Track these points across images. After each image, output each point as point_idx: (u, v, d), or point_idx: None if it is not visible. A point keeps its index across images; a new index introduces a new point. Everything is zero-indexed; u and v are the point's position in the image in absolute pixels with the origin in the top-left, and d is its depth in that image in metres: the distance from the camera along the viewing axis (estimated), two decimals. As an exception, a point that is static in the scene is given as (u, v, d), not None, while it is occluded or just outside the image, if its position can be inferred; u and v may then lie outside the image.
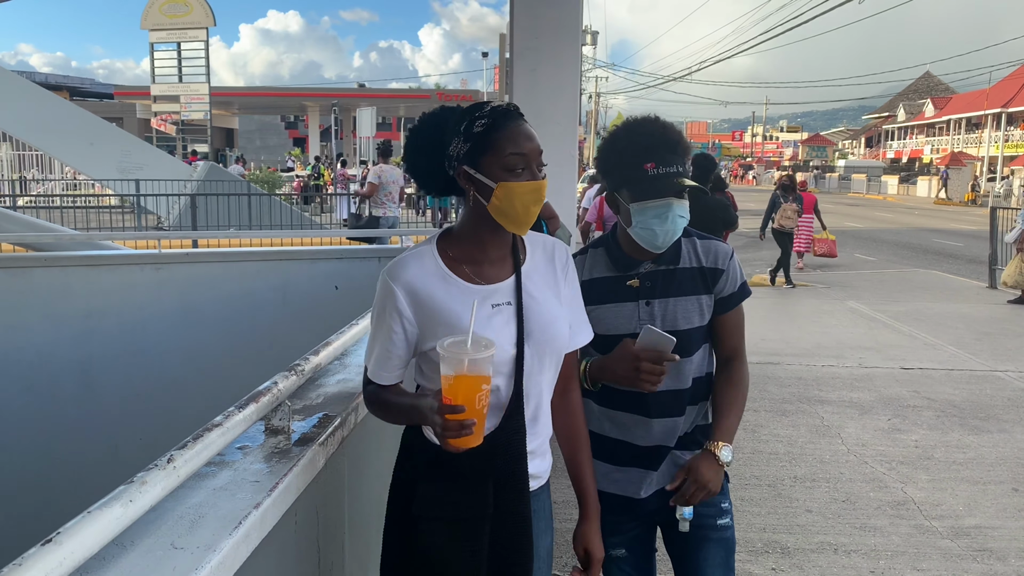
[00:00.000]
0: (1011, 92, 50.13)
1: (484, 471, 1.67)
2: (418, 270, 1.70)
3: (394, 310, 1.68)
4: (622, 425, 2.11)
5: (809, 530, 4.11)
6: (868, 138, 78.04)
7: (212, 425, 1.58)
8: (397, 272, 1.70)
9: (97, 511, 1.16)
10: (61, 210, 19.52)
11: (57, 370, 5.22)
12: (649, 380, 1.91)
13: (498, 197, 1.66)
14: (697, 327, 2.07)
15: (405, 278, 1.69)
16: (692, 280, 2.06)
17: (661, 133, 2.04)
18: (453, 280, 1.70)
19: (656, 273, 2.06)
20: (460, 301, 1.67)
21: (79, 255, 5.68)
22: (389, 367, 1.73)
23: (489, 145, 1.66)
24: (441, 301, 1.67)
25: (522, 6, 6.93)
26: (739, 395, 2.12)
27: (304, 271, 5.68)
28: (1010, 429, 5.70)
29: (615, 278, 2.08)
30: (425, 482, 1.70)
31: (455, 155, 1.70)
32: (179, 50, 28.98)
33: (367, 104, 30.28)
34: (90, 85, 52.34)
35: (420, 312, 1.68)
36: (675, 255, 2.06)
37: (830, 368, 7.33)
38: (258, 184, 22.22)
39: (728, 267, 2.09)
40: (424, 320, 1.68)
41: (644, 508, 2.15)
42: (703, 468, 2.01)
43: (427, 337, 1.69)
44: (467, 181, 1.69)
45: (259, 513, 1.49)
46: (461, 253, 1.74)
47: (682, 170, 2.00)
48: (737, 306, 2.12)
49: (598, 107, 55.60)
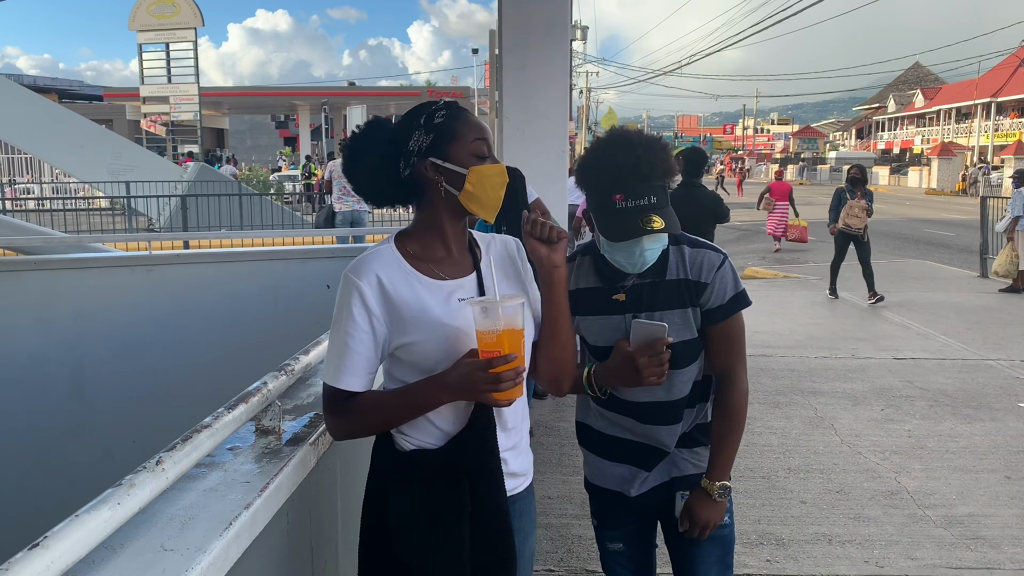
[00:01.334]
0: (1000, 81, 50.35)
1: (457, 468, 1.65)
2: (382, 266, 1.68)
3: (362, 307, 1.65)
4: (616, 423, 2.11)
5: (803, 521, 4.12)
6: (859, 129, 78.27)
7: (201, 426, 1.57)
8: (362, 269, 1.67)
9: (85, 514, 1.16)
10: (51, 213, 19.45)
11: (48, 373, 5.20)
12: (652, 374, 1.90)
13: (471, 182, 1.67)
14: (687, 340, 2.01)
15: (371, 274, 1.67)
16: (678, 293, 2.00)
17: (634, 160, 1.88)
18: (417, 276, 1.69)
19: (642, 287, 2.01)
20: (427, 296, 1.67)
21: (69, 258, 5.66)
22: (359, 371, 1.67)
23: (453, 133, 1.68)
24: (408, 297, 1.66)
25: (510, 2, 6.92)
26: (734, 427, 2.05)
27: (295, 271, 5.67)
28: (1002, 417, 5.73)
29: (601, 290, 2.05)
30: (397, 488, 1.68)
31: (416, 149, 1.69)
32: (168, 51, 28.81)
33: (357, 102, 30.25)
34: (79, 87, 52.15)
35: (388, 308, 1.66)
36: (661, 268, 2.00)
37: (823, 359, 7.35)
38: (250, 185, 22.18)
39: (713, 279, 1.99)
40: (393, 316, 1.66)
41: (640, 504, 2.15)
42: (700, 511, 2.05)
43: (396, 334, 1.67)
44: (435, 172, 1.69)
45: (250, 514, 1.48)
46: (422, 250, 1.73)
47: (655, 201, 1.86)
48: (727, 319, 2.01)
49: (589, 102, 55.59)
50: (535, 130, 6.92)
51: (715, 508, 2.05)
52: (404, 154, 1.71)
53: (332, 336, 1.69)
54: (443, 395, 1.63)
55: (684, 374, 2.03)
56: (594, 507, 2.27)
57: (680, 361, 2.00)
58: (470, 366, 1.56)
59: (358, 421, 1.70)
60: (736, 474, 4.55)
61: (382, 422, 1.71)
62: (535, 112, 6.94)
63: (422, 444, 1.70)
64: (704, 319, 2.02)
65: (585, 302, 2.05)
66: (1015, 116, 50.02)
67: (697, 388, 2.09)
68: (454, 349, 1.65)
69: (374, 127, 1.76)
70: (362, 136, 1.76)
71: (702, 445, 2.12)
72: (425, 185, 1.71)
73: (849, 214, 10.14)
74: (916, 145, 60.28)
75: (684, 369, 2.03)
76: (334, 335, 1.68)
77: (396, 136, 1.73)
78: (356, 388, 1.67)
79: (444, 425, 1.69)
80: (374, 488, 1.74)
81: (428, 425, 1.69)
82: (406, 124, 1.73)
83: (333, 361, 1.67)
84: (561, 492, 4.29)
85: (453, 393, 1.61)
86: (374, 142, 1.74)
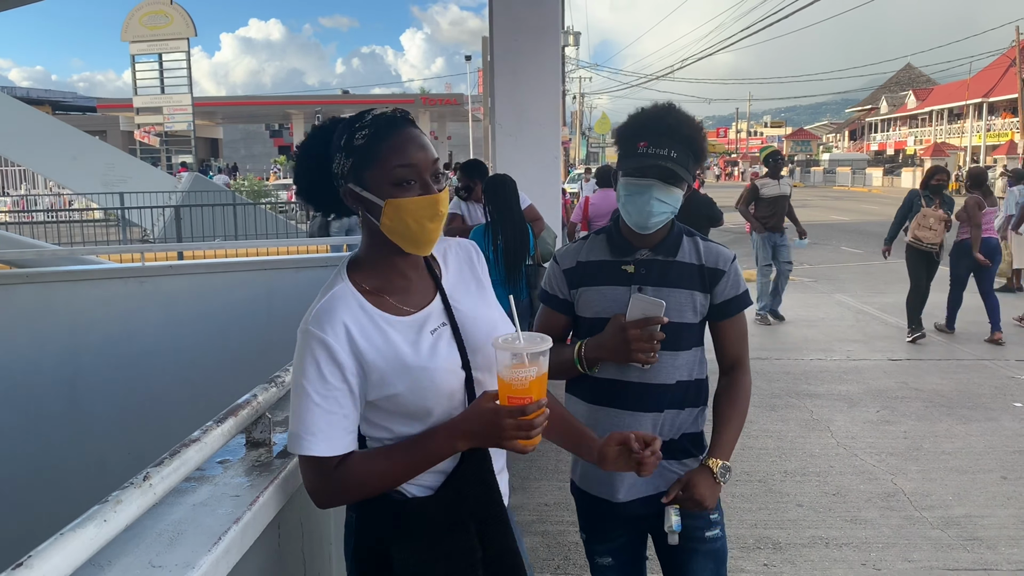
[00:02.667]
0: (991, 81, 50.53)
1: (461, 513, 1.53)
2: (347, 313, 1.48)
3: (332, 364, 1.45)
4: (600, 423, 2.07)
5: (800, 524, 4.11)
6: (852, 131, 78.50)
7: (189, 440, 1.56)
8: (325, 322, 1.47)
9: (70, 532, 1.15)
10: (45, 225, 19.41)
11: (42, 386, 5.18)
12: (641, 349, 1.91)
13: (388, 216, 1.47)
14: (688, 323, 2.03)
15: (337, 325, 1.47)
16: (689, 275, 2.04)
17: (665, 117, 2.00)
18: (383, 317, 1.51)
19: (652, 262, 2.04)
20: (399, 340, 1.50)
21: (62, 270, 5.64)
22: (339, 432, 1.47)
23: (372, 158, 1.48)
24: (381, 345, 1.49)
25: (501, 8, 6.94)
26: (739, 409, 2.09)
27: (289, 280, 5.66)
28: (997, 417, 5.73)
29: (611, 262, 2.07)
30: (399, 545, 1.51)
31: (339, 172, 1.52)
32: (160, 61, 28.86)
33: (351, 110, 30.21)
34: (72, 99, 52.10)
35: (360, 361, 1.47)
36: (673, 247, 2.04)
37: (818, 361, 7.35)
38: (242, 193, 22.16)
39: (730, 269, 2.06)
40: (367, 369, 1.48)
41: (626, 512, 2.11)
42: (700, 484, 2.00)
43: (373, 388, 1.49)
44: (354, 200, 1.52)
45: (239, 528, 1.47)
46: (378, 283, 1.55)
47: (674, 155, 1.94)
48: (739, 313, 2.09)
49: (582, 107, 55.67)
50: (528, 136, 6.93)
51: (713, 488, 2.01)
52: (332, 175, 1.55)
53: (294, 399, 1.47)
54: (460, 443, 1.47)
55: (676, 358, 2.03)
56: (582, 520, 2.24)
57: (674, 343, 2.00)
58: (498, 414, 1.42)
59: (353, 487, 1.49)
60: (732, 477, 4.55)
61: (385, 483, 1.51)
62: (528, 118, 6.96)
63: (414, 492, 1.55)
64: (717, 312, 2.07)
65: (592, 272, 2.08)
66: (1007, 116, 50.20)
67: (690, 389, 2.07)
68: (440, 391, 1.51)
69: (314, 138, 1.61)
70: (306, 144, 1.62)
71: (691, 456, 2.09)
72: (357, 210, 1.55)
73: (922, 225, 8.03)
74: (909, 146, 60.45)
75: (676, 352, 2.02)
76: (301, 401, 1.46)
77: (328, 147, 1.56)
78: (341, 451, 1.47)
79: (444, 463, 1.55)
80: (367, 544, 1.56)
81: None
82: (335, 138, 1.54)
83: (305, 429, 1.45)
84: (557, 499, 4.28)
85: (473, 441, 1.46)
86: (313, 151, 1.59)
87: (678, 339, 2.02)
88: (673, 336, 1.99)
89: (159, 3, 27.71)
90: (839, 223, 23.18)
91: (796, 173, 58.45)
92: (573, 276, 2.11)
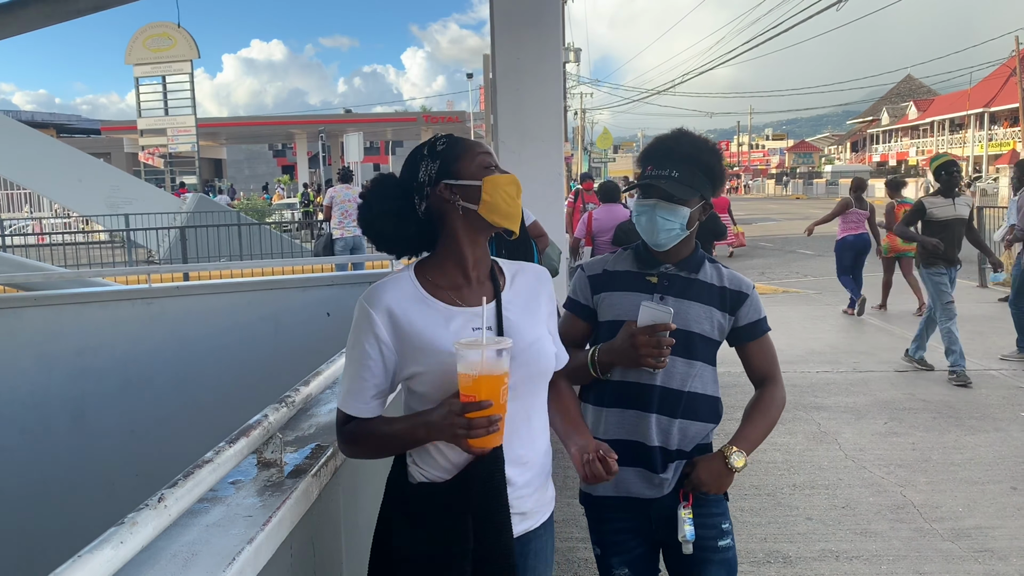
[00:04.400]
0: (992, 91, 50.62)
1: (463, 504, 1.64)
2: (396, 294, 1.69)
3: (371, 335, 1.66)
4: (606, 422, 2.13)
5: (810, 538, 4.10)
6: (853, 143, 78.61)
7: (203, 461, 1.57)
8: (375, 297, 1.69)
9: (87, 555, 1.16)
10: (51, 247, 19.48)
11: (50, 409, 5.20)
12: (649, 354, 1.97)
13: (487, 192, 1.69)
14: (704, 335, 2.11)
15: (384, 302, 1.67)
16: (710, 293, 2.13)
17: (666, 140, 2.15)
18: (432, 303, 1.69)
19: (676, 277, 2.14)
20: (439, 324, 1.67)
21: (69, 293, 5.68)
22: (365, 397, 1.69)
23: (459, 153, 1.72)
24: (420, 324, 1.66)
25: (503, 27, 6.99)
26: (769, 412, 2.17)
27: (296, 300, 5.68)
28: (1006, 428, 5.72)
29: (636, 273, 2.17)
30: (401, 521, 1.70)
31: (427, 178, 1.72)
32: (164, 83, 29.04)
33: (354, 129, 30.37)
34: (76, 122, 52.39)
35: (398, 336, 1.67)
36: (696, 266, 2.15)
37: (825, 374, 7.34)
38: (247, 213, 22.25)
39: (752, 295, 2.17)
40: (403, 345, 1.67)
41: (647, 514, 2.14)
42: (703, 471, 2.06)
43: (406, 363, 1.67)
44: (450, 193, 1.71)
45: (253, 548, 1.48)
46: (440, 277, 1.74)
47: (676, 175, 2.06)
48: (765, 335, 2.19)
49: (584, 123, 55.84)
50: (531, 153, 6.96)
51: (722, 474, 2.05)
52: (416, 190, 1.74)
53: (346, 362, 1.73)
54: (421, 432, 1.62)
55: (690, 366, 2.09)
56: (595, 535, 2.26)
57: (687, 351, 2.08)
58: (448, 406, 1.55)
59: (357, 445, 1.74)
60: (741, 492, 4.56)
61: (376, 449, 1.75)
62: (530, 135, 6.99)
63: (431, 477, 1.69)
64: (745, 334, 2.17)
65: (617, 280, 2.18)
66: (1008, 125, 50.25)
67: (703, 403, 2.12)
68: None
69: (380, 181, 1.80)
70: (371, 191, 1.79)
71: None
72: (443, 212, 1.72)
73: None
74: (911, 157, 60.52)
75: (690, 361, 2.09)
76: (347, 360, 1.72)
77: (403, 181, 1.77)
78: (357, 414, 1.70)
79: (453, 456, 1.67)
80: (383, 518, 1.76)
81: (437, 456, 1.69)
82: (411, 164, 1.77)
83: (344, 385, 1.72)
84: (567, 515, 4.27)
85: (433, 432, 1.60)
86: (385, 190, 1.78)
87: (692, 347, 2.09)
88: (686, 343, 2.07)
89: (162, 26, 27.92)
90: (843, 235, 23.17)
91: (799, 185, 58.49)
92: (597, 282, 2.21)
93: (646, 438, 2.09)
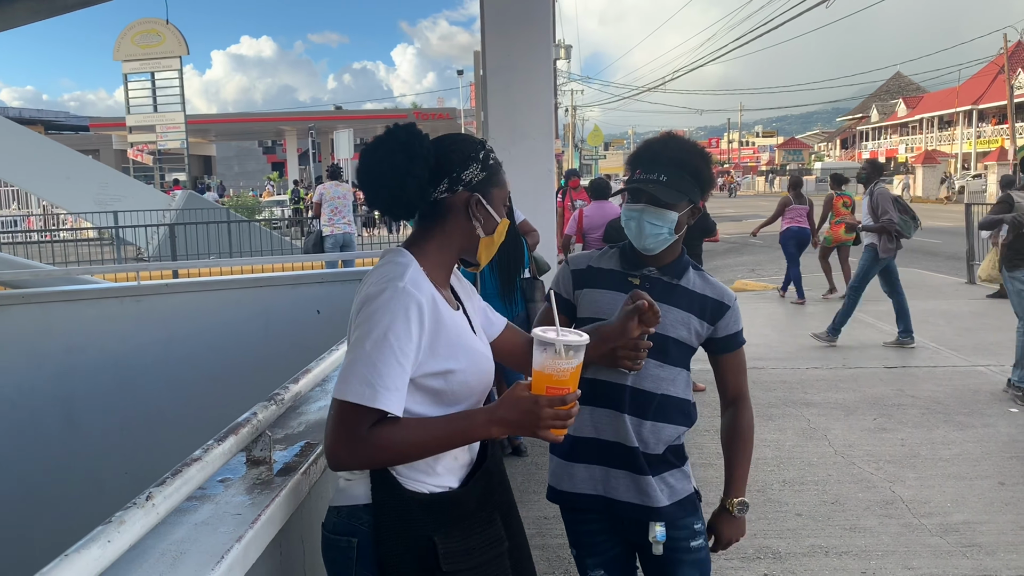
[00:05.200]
0: (981, 89, 50.88)
1: (490, 504, 1.65)
2: (428, 285, 1.60)
3: (416, 321, 1.52)
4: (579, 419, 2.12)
5: (799, 534, 4.12)
6: (843, 140, 78.88)
7: (191, 460, 1.57)
8: (418, 283, 1.56)
9: (75, 554, 1.15)
10: (39, 244, 19.37)
11: (39, 408, 5.17)
12: (627, 356, 1.95)
13: (499, 232, 1.70)
14: (680, 340, 2.10)
15: (427, 290, 1.58)
16: (690, 300, 2.12)
17: (653, 145, 2.16)
18: (442, 301, 1.64)
19: (658, 280, 2.13)
20: (463, 321, 1.68)
21: (57, 290, 5.64)
22: (403, 391, 1.52)
23: (499, 181, 1.70)
24: (450, 321, 1.62)
25: (493, 24, 6.98)
26: (747, 447, 2.23)
27: (286, 297, 5.66)
28: (994, 423, 5.75)
29: (619, 272, 2.17)
30: (443, 535, 1.58)
31: (469, 180, 1.65)
32: (153, 80, 28.90)
33: (344, 126, 30.30)
34: (65, 118, 52.10)
35: (435, 330, 1.57)
36: (679, 272, 2.14)
37: (814, 370, 7.37)
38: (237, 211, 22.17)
39: (734, 306, 2.16)
40: (435, 341, 1.57)
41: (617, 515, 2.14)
42: (724, 529, 2.18)
43: (436, 360, 1.58)
44: (477, 208, 1.66)
45: (242, 546, 1.48)
46: (434, 275, 1.67)
47: (664, 179, 2.06)
48: (740, 348, 2.19)
49: (575, 120, 55.87)
50: (521, 150, 6.95)
51: (737, 524, 2.18)
52: (451, 178, 1.63)
53: (372, 349, 1.48)
54: (495, 429, 1.53)
55: (662, 368, 2.09)
56: (572, 536, 2.27)
57: (661, 353, 2.07)
58: (537, 403, 1.48)
59: (383, 449, 1.51)
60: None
61: (415, 453, 1.56)
62: (521, 133, 6.99)
63: (438, 485, 1.62)
64: (721, 345, 2.17)
65: (600, 277, 2.18)
66: (996, 123, 50.51)
67: (676, 406, 2.13)
68: (487, 377, 1.66)
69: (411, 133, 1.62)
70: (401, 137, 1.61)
71: (675, 467, 2.14)
72: (453, 216, 1.66)
73: None
74: (900, 154, 60.77)
75: (662, 364, 2.09)
76: (378, 348, 1.48)
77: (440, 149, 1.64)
78: (396, 410, 1.50)
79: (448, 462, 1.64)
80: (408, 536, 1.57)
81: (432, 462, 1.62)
82: (458, 149, 1.66)
83: (372, 377, 1.47)
84: (556, 512, 4.27)
85: (509, 428, 1.53)
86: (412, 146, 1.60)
87: (666, 350, 2.09)
88: (662, 347, 2.06)
89: (151, 22, 27.79)
90: (832, 231, 23.24)
91: (788, 182, 58.66)
92: (580, 277, 2.21)
93: (625, 439, 2.09)
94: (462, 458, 1.66)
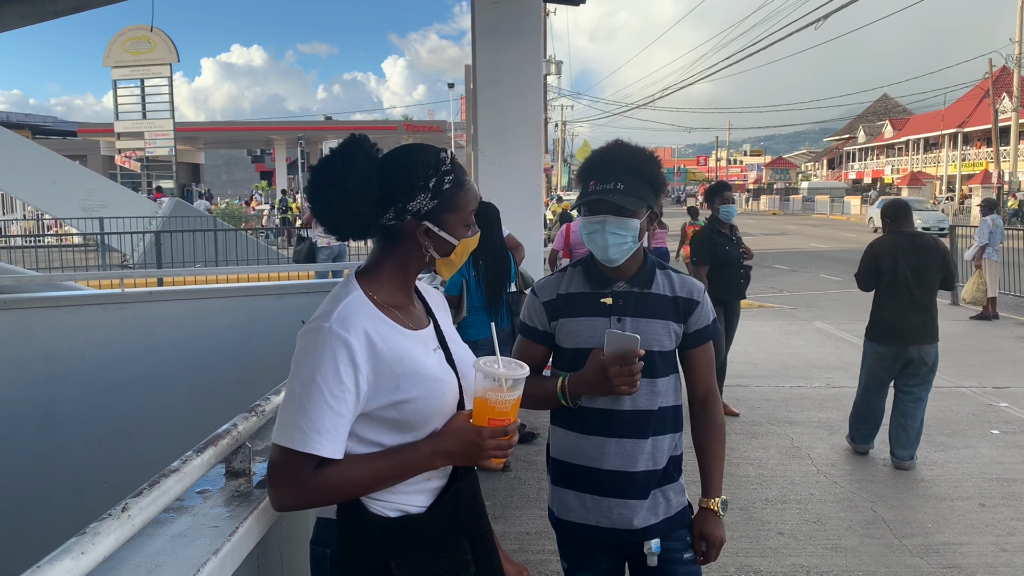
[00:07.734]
0: (966, 112, 51.41)
1: (456, 529, 1.61)
2: (367, 318, 1.54)
3: (348, 363, 1.48)
4: (586, 451, 2.11)
5: (781, 553, 4.12)
6: (830, 160, 79.45)
7: (169, 471, 1.55)
8: (347, 320, 1.51)
9: (46, 565, 1.13)
10: (23, 250, 19.22)
11: (18, 413, 5.11)
12: (623, 383, 1.95)
13: (457, 253, 1.65)
14: (667, 351, 2.11)
15: (359, 325, 1.51)
16: (664, 306, 2.11)
17: (607, 154, 2.11)
18: (394, 326, 1.58)
19: (629, 294, 2.11)
20: (417, 347, 1.59)
21: (39, 296, 5.60)
22: (339, 435, 1.49)
23: (455, 204, 1.61)
24: (401, 349, 1.55)
25: (484, 38, 7.01)
26: (720, 443, 2.21)
27: (270, 307, 5.64)
28: (975, 445, 5.78)
29: (590, 294, 2.13)
30: (399, 559, 1.54)
31: (417, 210, 1.58)
32: (142, 86, 28.83)
33: (334, 136, 30.29)
34: (52, 123, 51.77)
35: (376, 364, 1.51)
36: (647, 280, 2.12)
37: (798, 389, 7.39)
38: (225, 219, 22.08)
39: (703, 300, 2.15)
40: (381, 374, 1.52)
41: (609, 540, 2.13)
42: (712, 530, 2.15)
43: (384, 392, 1.53)
44: (425, 236, 1.61)
45: (218, 559, 1.46)
46: (390, 298, 1.62)
47: (621, 187, 2.03)
48: (709, 342, 2.18)
49: (564, 135, 56.08)
50: (510, 164, 6.98)
51: (721, 525, 2.16)
52: (397, 208, 1.58)
53: (302, 393, 1.48)
54: (437, 460, 1.55)
55: (655, 384, 2.08)
56: (563, 549, 2.25)
57: (652, 370, 2.06)
58: (480, 434, 1.51)
59: (325, 491, 1.51)
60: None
61: (361, 490, 1.54)
62: (510, 147, 7.01)
63: (403, 506, 1.59)
64: (690, 340, 2.15)
65: (572, 304, 2.14)
66: (980, 146, 51.04)
67: (671, 415, 2.13)
68: (446, 405, 1.59)
69: (356, 148, 1.57)
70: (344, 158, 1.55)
71: (674, 481, 2.16)
72: (404, 240, 1.61)
73: None
74: (887, 175, 61.24)
75: (654, 380, 2.08)
76: (312, 398, 1.46)
77: (385, 175, 1.57)
78: (334, 455, 1.48)
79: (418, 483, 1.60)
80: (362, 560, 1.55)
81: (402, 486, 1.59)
82: (408, 173, 1.58)
83: (302, 421, 1.46)
84: (539, 528, 4.26)
85: (451, 459, 1.56)
86: (357, 166, 1.54)
87: (655, 367, 2.08)
88: (651, 364, 2.05)
89: (142, 29, 27.73)
90: (818, 251, 23.36)
91: (775, 201, 58.99)
92: (553, 308, 2.16)
93: (625, 464, 2.08)
94: (433, 477, 1.62)
